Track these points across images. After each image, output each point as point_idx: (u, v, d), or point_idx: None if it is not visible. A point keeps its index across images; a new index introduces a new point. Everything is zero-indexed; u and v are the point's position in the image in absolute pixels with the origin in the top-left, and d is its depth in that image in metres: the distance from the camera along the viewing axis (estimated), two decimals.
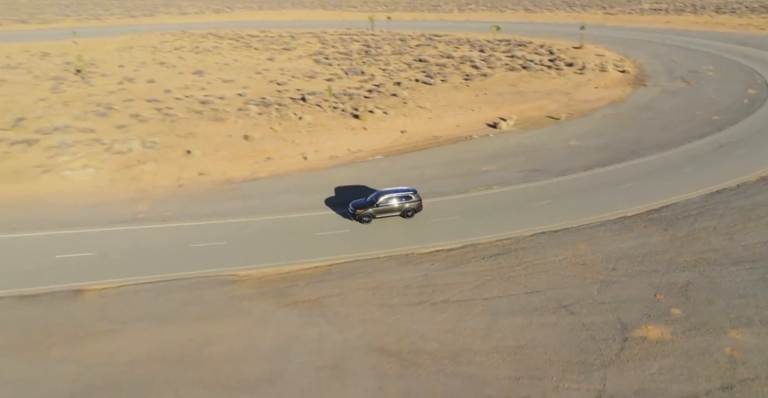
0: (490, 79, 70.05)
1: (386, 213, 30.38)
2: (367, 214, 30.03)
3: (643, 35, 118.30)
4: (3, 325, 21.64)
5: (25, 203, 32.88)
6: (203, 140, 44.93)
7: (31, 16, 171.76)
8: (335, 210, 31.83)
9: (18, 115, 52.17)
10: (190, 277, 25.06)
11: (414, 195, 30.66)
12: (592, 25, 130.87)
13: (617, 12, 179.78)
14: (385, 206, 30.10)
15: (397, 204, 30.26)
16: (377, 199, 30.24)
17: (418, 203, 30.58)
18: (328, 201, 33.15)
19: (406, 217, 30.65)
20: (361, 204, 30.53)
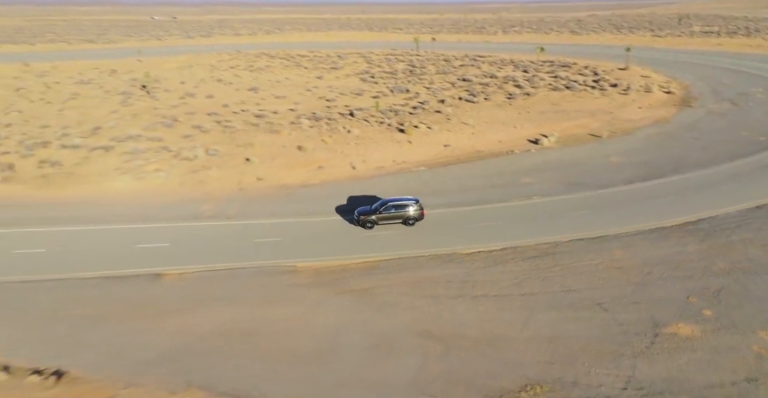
0: (533, 99, 71.97)
1: (388, 220, 32.43)
2: (370, 220, 32.26)
3: (692, 58, 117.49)
4: (98, 300, 25.12)
5: (107, 200, 37.13)
6: (260, 150, 48.77)
7: (97, 37, 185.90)
8: (343, 216, 34.25)
9: (94, 125, 57.90)
10: (253, 267, 28.10)
11: (416, 205, 32.64)
12: (639, 47, 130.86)
13: (666, 35, 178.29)
14: (387, 214, 32.22)
15: (399, 213, 32.29)
16: (381, 207, 32.45)
17: (420, 212, 32.49)
18: (339, 209, 35.59)
19: (407, 225, 32.70)
20: (365, 211, 32.78)
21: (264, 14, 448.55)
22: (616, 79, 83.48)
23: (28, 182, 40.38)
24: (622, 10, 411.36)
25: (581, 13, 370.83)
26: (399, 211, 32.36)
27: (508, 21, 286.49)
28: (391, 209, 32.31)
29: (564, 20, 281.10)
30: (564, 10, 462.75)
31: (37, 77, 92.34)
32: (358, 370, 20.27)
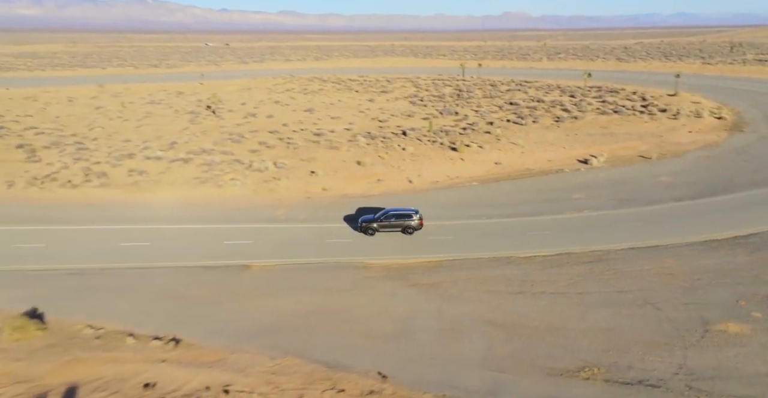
0: (581, 122, 74.10)
1: (388, 228, 34.81)
2: (371, 227, 34.81)
3: (745, 85, 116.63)
4: (199, 284, 29.02)
5: (193, 204, 41.68)
6: (323, 164, 52.91)
7: (160, 62, 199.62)
8: (350, 224, 37.20)
9: (170, 140, 63.83)
10: (328, 262, 31.50)
11: (415, 215, 34.93)
12: (689, 74, 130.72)
13: (717, 62, 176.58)
14: (387, 223, 34.71)
15: (399, 222, 34.72)
16: (382, 216, 35.00)
17: (418, 222, 34.77)
18: (346, 218, 38.48)
19: (406, 233, 34.94)
20: (368, 219, 35.33)
21: (310, 41, 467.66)
22: (666, 105, 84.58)
23: (122, 187, 45.60)
24: (671, 38, 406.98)
25: (628, 41, 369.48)
26: (399, 220, 34.84)
27: (552, 48, 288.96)
28: (392, 218, 34.85)
29: (610, 47, 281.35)
30: (609, 38, 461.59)
31: (112, 98, 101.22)
32: (433, 348, 23.05)
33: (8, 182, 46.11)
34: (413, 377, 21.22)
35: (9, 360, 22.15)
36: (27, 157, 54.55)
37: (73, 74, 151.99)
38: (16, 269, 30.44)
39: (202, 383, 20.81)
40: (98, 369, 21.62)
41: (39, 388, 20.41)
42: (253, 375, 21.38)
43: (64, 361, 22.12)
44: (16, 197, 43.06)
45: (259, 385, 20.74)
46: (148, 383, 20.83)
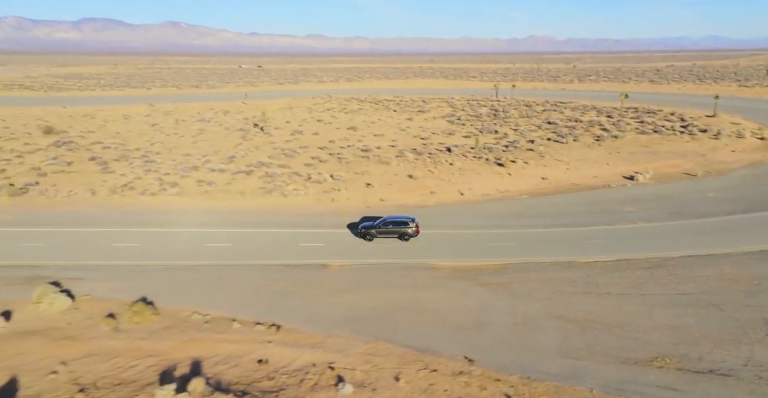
0: (622, 141, 75.87)
1: (386, 235, 37.23)
2: (370, 233, 37.24)
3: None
4: (284, 280, 31.89)
5: (264, 211, 44.98)
6: (376, 177, 55.95)
7: (200, 83, 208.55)
8: (352, 231, 39.48)
9: (227, 154, 67.96)
10: (399, 263, 34.08)
11: (411, 223, 37.33)
12: (725, 96, 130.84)
13: (754, 85, 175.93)
14: (385, 229, 37.12)
15: (396, 229, 37.14)
16: (381, 223, 37.46)
17: (414, 229, 37.19)
18: (350, 225, 40.76)
19: (402, 240, 37.30)
20: (367, 226, 37.77)
21: (338, 63, 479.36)
22: (706, 125, 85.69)
23: (195, 195, 49.29)
24: (703, 61, 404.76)
25: (658, 64, 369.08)
26: (396, 227, 37.23)
27: (582, 70, 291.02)
28: (389, 225, 37.33)
29: (641, 70, 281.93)
30: (638, 61, 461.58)
31: (164, 116, 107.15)
32: (510, 338, 25.24)
33: (90, 190, 50.29)
34: (496, 362, 23.38)
35: (134, 338, 25.13)
36: (101, 168, 59.03)
37: (121, 94, 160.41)
38: (118, 265, 33.85)
39: (308, 361, 23.36)
40: (214, 347, 24.40)
41: (167, 361, 23.23)
42: (351, 355, 23.86)
43: (182, 340, 25.00)
44: (100, 203, 47.06)
45: (359, 364, 23.18)
46: (261, 359, 23.48)
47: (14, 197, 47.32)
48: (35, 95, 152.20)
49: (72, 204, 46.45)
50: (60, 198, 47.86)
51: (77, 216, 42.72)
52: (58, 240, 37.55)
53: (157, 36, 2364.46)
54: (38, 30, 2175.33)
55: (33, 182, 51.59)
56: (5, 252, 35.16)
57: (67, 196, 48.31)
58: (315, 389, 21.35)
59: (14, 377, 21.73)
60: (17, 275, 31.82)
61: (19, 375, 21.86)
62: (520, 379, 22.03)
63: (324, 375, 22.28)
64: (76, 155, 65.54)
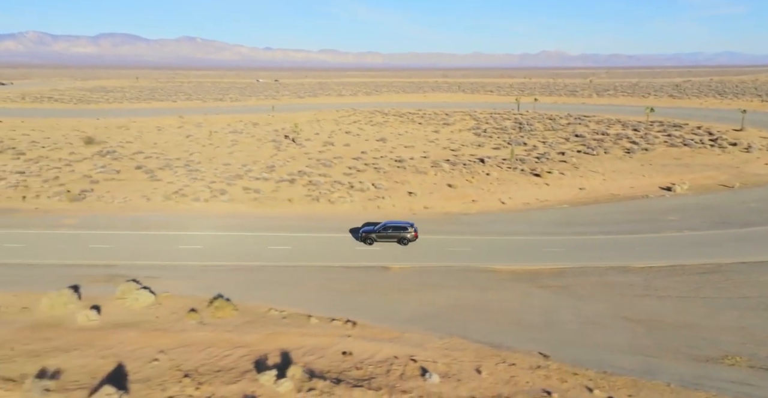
0: (652, 153, 76.82)
1: (386, 239, 38.78)
2: (370, 237, 38.79)
3: None
4: (348, 280, 33.30)
5: (316, 217, 46.58)
6: (416, 186, 57.46)
7: (223, 96, 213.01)
8: (353, 235, 41.11)
9: (266, 164, 70.02)
10: (458, 266, 35.32)
11: (410, 228, 39.01)
12: (749, 111, 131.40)
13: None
14: (385, 233, 38.69)
15: (395, 233, 38.69)
16: (381, 228, 39.07)
17: (413, 234, 38.80)
18: (352, 229, 42.27)
19: (402, 244, 38.75)
20: (368, 230, 39.33)
21: (353, 78, 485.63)
22: (735, 139, 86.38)
23: (245, 202, 51.12)
24: (719, 76, 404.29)
25: (675, 79, 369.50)
26: (396, 232, 38.81)
27: (599, 85, 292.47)
28: (389, 230, 38.94)
29: (659, 85, 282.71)
30: (653, 76, 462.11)
31: (196, 127, 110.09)
32: (580, 336, 26.30)
33: (144, 196, 52.36)
34: (570, 358, 24.43)
35: (221, 331, 26.58)
36: (148, 177, 61.25)
37: (147, 106, 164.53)
38: (187, 265, 35.50)
39: (389, 353, 24.60)
40: (297, 340, 25.75)
41: (257, 352, 24.60)
42: (430, 349, 25.07)
43: (266, 333, 26.39)
44: (156, 208, 49.02)
45: (439, 357, 24.38)
46: (344, 351, 24.78)
47: (74, 203, 49.45)
48: (65, 107, 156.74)
49: (130, 209, 48.44)
50: (117, 204, 49.90)
51: (138, 220, 44.63)
52: (126, 242, 39.35)
53: (174, 50, 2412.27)
54: (58, 45, 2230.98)
55: (88, 189, 53.80)
56: (80, 253, 37.01)
57: (123, 202, 50.35)
58: (402, 378, 22.56)
59: (121, 363, 23.23)
60: (97, 274, 33.57)
61: (125, 361, 23.36)
62: (597, 373, 23.08)
63: (408, 367, 23.49)
64: (122, 164, 67.95)
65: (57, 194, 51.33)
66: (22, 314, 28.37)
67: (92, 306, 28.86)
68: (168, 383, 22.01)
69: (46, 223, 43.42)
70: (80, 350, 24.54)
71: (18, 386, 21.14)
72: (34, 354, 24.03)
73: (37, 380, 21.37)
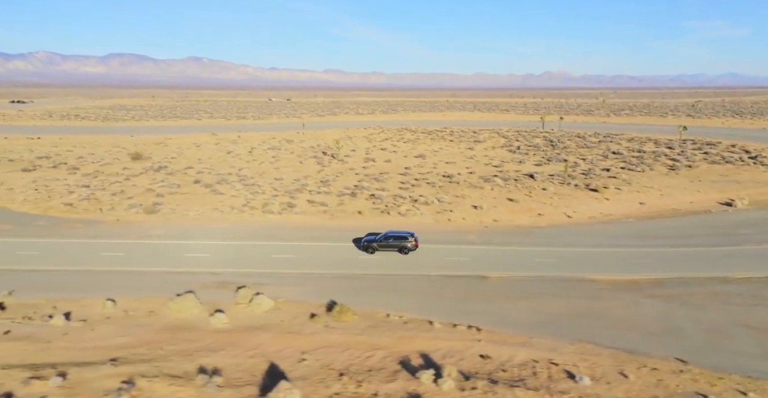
0: (697, 170, 77.70)
1: (387, 248, 39.74)
2: (372, 246, 39.80)
3: None
4: (453, 288, 33.93)
5: (381, 228, 47.35)
6: (476, 200, 58.28)
7: (245, 114, 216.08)
8: (356, 244, 42.07)
9: (317, 179, 71.18)
10: (552, 276, 35.92)
11: (411, 237, 40.00)
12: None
13: None
14: (386, 243, 39.70)
15: (396, 243, 39.65)
16: (382, 237, 40.09)
17: (413, 243, 39.77)
18: (355, 240, 43.01)
19: (402, 253, 39.62)
20: (370, 240, 40.38)
21: (365, 97, 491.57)
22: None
23: (315, 214, 52.02)
24: (729, 97, 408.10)
25: (686, 100, 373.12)
26: (396, 241, 39.79)
27: (613, 105, 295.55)
28: (390, 239, 39.96)
29: (673, 105, 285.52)
30: (661, 96, 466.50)
31: (232, 144, 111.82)
32: (708, 343, 26.76)
33: (215, 209, 53.36)
34: (708, 363, 24.87)
35: (350, 334, 27.17)
36: (209, 190, 62.36)
37: (174, 124, 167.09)
38: (286, 273, 36.26)
39: (527, 357, 25.09)
40: (430, 343, 26.28)
41: (397, 353, 25.11)
42: (565, 354, 25.57)
43: (396, 337, 26.96)
44: (231, 220, 49.96)
45: (578, 361, 24.86)
46: (482, 354, 25.32)
47: (151, 215, 50.45)
48: (95, 125, 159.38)
49: (205, 221, 49.39)
50: (192, 216, 50.88)
51: (221, 231, 45.56)
52: (219, 251, 40.20)
53: (181, 70, 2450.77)
54: (67, 64, 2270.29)
55: (158, 202, 54.83)
56: (179, 261, 37.86)
57: (198, 214, 51.34)
58: (552, 380, 23.01)
59: (272, 362, 23.83)
60: (206, 281, 34.34)
61: (275, 361, 23.96)
62: (742, 378, 23.51)
63: (552, 369, 23.96)
64: (179, 179, 69.17)
65: (131, 207, 52.39)
66: (150, 317, 29.08)
67: (216, 310, 29.58)
68: (328, 380, 22.54)
69: (136, 233, 44.36)
70: (226, 350, 25.16)
71: (188, 382, 21.72)
72: (186, 354, 24.67)
73: (206, 376, 22.01)
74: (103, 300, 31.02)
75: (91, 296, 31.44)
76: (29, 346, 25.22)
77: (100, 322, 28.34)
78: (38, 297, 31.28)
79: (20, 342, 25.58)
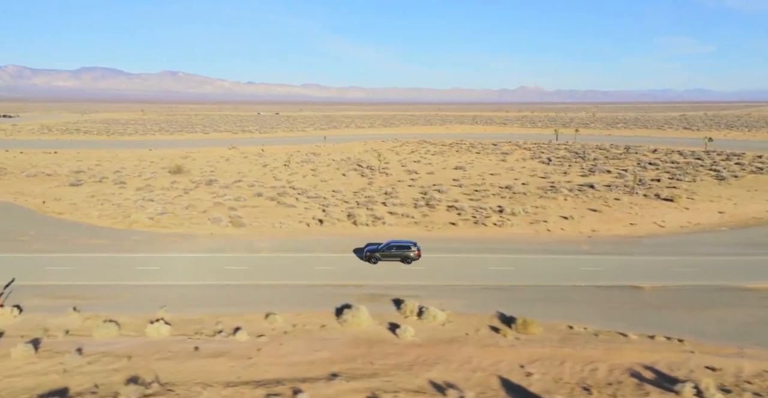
0: (745, 180, 78.99)
1: (390, 258, 38.75)
2: (374, 256, 38.76)
3: None
4: (614, 299, 33.00)
5: (497, 239, 46.43)
6: (557, 210, 57.75)
7: (247, 128, 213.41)
8: (357, 254, 41.07)
9: (377, 191, 69.92)
10: (702, 285, 35.34)
11: (414, 247, 39.04)
12: None
13: None
14: (388, 252, 38.68)
15: (399, 252, 38.68)
16: (384, 247, 39.06)
17: (416, 253, 38.78)
18: (355, 250, 42.16)
19: (405, 263, 38.75)
20: (372, 249, 39.44)
21: (350, 111, 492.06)
22: None
23: (407, 226, 50.74)
24: (711, 111, 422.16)
25: (672, 113, 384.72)
26: (399, 251, 38.70)
27: (603, 118, 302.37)
28: (393, 249, 38.79)
29: (664, 119, 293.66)
30: (636, 110, 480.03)
31: (259, 157, 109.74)
32: None
33: (299, 221, 51.67)
34: None
35: (550, 346, 25.91)
36: (276, 203, 60.56)
37: (181, 138, 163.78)
38: (435, 284, 34.91)
39: (757, 368, 24.23)
40: (642, 355, 25.11)
41: (618, 366, 23.89)
42: None
43: (602, 349, 25.82)
44: (325, 232, 48.31)
45: None
46: (709, 366, 24.39)
47: (240, 228, 48.50)
48: (101, 139, 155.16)
49: (293, 233, 47.67)
50: (283, 229, 49.06)
51: (327, 243, 43.96)
52: (343, 263, 38.69)
53: (155, 84, 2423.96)
54: (38, 78, 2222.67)
55: (237, 215, 52.81)
56: (311, 274, 36.28)
57: (285, 226, 49.60)
58: None
59: (501, 377, 22.63)
60: (354, 293, 32.84)
61: (503, 375, 22.76)
62: None
63: None
64: (238, 192, 67.05)
65: (216, 220, 50.31)
66: (329, 331, 27.47)
67: (390, 323, 28.21)
68: (576, 394, 21.40)
69: (243, 247, 42.43)
70: (441, 364, 23.93)
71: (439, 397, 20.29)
72: (403, 368, 23.32)
73: (456, 391, 20.64)
74: (262, 314, 29.30)
75: (250, 311, 29.62)
76: (233, 362, 23.55)
77: (281, 337, 26.75)
78: (198, 313, 29.33)
79: (221, 359, 23.85)
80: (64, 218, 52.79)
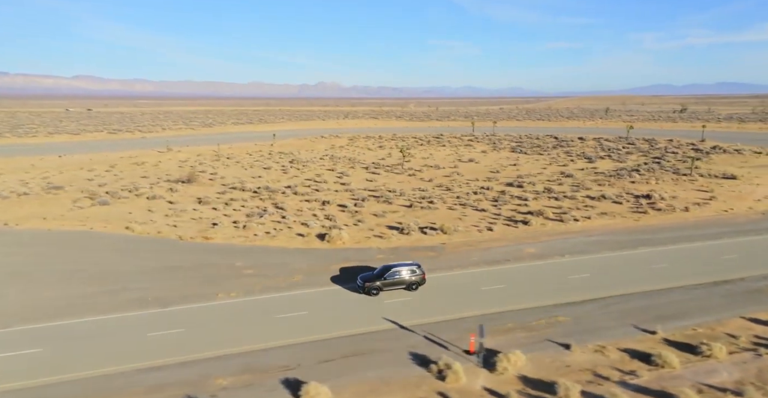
0: None
1: (392, 286, 32.64)
2: (375, 287, 32.35)
3: None
4: (716, 305, 31.59)
5: (685, 226, 49.33)
6: (606, 203, 59.56)
7: (132, 125, 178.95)
8: (344, 285, 34.05)
9: (427, 186, 68.07)
10: None
11: (418, 269, 33.20)
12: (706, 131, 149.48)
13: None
14: (391, 280, 32.52)
15: (402, 278, 32.59)
16: (384, 273, 32.79)
17: (421, 276, 33.10)
18: (341, 269, 36.75)
19: (410, 290, 32.94)
20: (368, 277, 32.98)
21: (178, 107, 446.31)
22: None
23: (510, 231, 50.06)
24: (695, 106, 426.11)
25: (492, 107, 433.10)
26: (402, 276, 32.47)
27: (443, 112, 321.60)
28: (395, 274, 32.47)
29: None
30: (452, 105, 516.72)
31: (265, 157, 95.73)
32: None
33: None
34: None
35: None
36: (384, 204, 54.93)
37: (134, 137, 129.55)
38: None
39: None
40: None
41: None
42: None
43: None
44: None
45: None
46: None
47: (450, 234, 45.37)
48: None
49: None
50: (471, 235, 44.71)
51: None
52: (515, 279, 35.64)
53: None
54: None
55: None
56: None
57: (464, 231, 46.39)
58: None
59: None
60: None
61: None
62: None
63: None
64: (275, 199, 61.20)
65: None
66: None
67: None
68: None
69: (512, 255, 39.18)
70: None
71: None
72: None
73: None
74: None
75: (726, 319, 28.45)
76: None
77: None
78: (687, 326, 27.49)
79: None
80: (215, 243, 43.15)
